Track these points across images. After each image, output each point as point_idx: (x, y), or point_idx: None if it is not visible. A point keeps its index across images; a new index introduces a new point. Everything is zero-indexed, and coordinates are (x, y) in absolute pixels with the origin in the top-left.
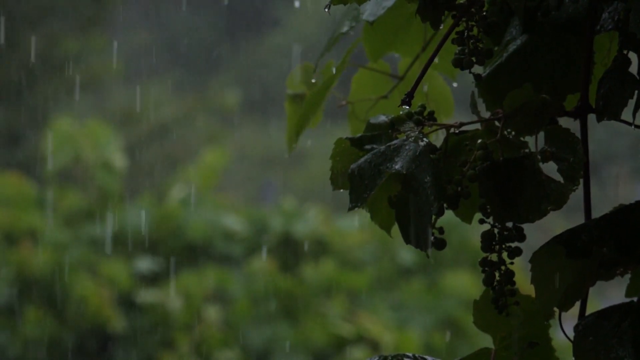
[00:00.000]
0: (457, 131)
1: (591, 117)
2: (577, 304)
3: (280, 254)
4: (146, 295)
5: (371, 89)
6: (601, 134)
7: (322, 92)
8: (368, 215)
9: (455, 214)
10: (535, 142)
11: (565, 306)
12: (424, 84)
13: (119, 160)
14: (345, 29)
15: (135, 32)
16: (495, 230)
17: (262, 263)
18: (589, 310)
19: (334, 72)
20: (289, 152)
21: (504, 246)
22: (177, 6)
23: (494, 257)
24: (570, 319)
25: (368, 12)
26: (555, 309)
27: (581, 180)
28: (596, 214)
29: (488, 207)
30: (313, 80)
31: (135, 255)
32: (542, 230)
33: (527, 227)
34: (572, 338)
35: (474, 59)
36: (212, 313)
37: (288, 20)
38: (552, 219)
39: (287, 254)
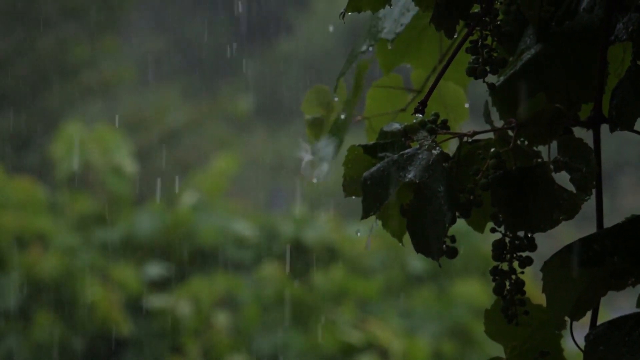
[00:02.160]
0: (470, 140)
1: (603, 127)
2: (588, 314)
3: (290, 260)
4: (156, 301)
5: (386, 103)
6: (612, 144)
7: (344, 122)
8: (379, 222)
9: (468, 223)
10: (548, 151)
11: (576, 315)
12: (440, 92)
13: (129, 165)
14: (364, 47)
15: (147, 37)
16: (507, 239)
17: (272, 269)
18: (599, 320)
19: (347, 92)
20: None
21: (515, 255)
22: (188, 12)
23: (504, 266)
24: (580, 328)
25: (387, 29)
26: (567, 318)
27: (593, 190)
28: (607, 223)
29: (500, 216)
30: (336, 99)
31: (145, 260)
32: (553, 239)
33: (537, 236)
34: (583, 347)
35: (487, 68)
36: (222, 319)
37: (300, 27)
38: (563, 228)
39: (297, 261)
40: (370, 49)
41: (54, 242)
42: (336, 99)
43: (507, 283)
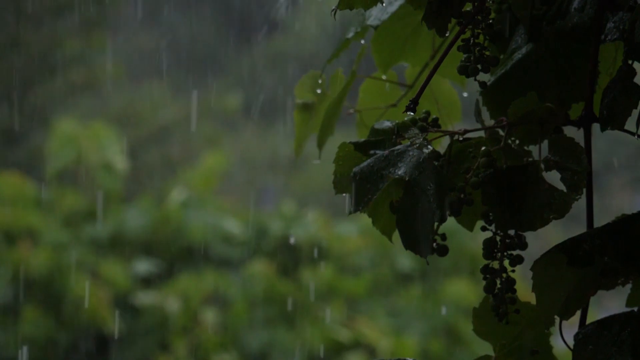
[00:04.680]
0: (461, 138)
1: (594, 127)
2: (577, 313)
3: (279, 258)
4: (144, 297)
5: (379, 98)
6: (602, 144)
7: (335, 106)
8: (367, 220)
9: (458, 221)
10: (539, 150)
11: (566, 314)
12: (432, 90)
13: (120, 162)
14: (350, 34)
15: (137, 34)
16: (497, 238)
17: (261, 267)
18: (588, 320)
19: (344, 82)
20: (297, 159)
21: (505, 254)
22: (178, 9)
23: (495, 264)
24: (569, 327)
25: (373, 17)
26: (556, 317)
27: (584, 190)
28: (596, 223)
29: (491, 214)
30: (319, 91)
31: (134, 257)
32: (541, 240)
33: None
34: (572, 346)
35: (479, 66)
36: (210, 316)
37: (291, 23)
38: (550, 229)
39: (285, 258)
40: (362, 42)
41: (43, 238)
42: (328, 85)
43: (498, 281)
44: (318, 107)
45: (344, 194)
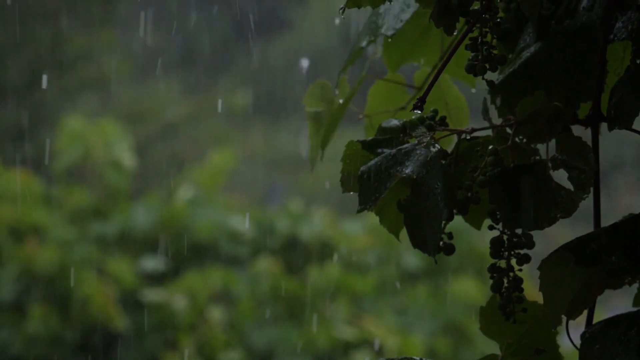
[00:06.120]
0: (468, 137)
1: (602, 126)
2: (583, 312)
3: (285, 256)
4: (151, 295)
5: (387, 101)
6: (608, 143)
7: (340, 111)
8: (374, 218)
9: (465, 220)
10: (546, 149)
11: (573, 314)
12: (443, 93)
13: (128, 159)
14: (364, 43)
15: (145, 31)
16: (505, 237)
17: (267, 265)
18: (595, 320)
19: (350, 88)
20: (313, 168)
21: (512, 253)
22: (187, 6)
23: (502, 263)
24: (576, 327)
25: (386, 26)
26: (563, 316)
27: (591, 189)
28: (603, 222)
29: (498, 213)
30: (336, 92)
31: (141, 254)
32: (547, 240)
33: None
34: (578, 346)
35: (487, 65)
36: (217, 313)
37: (299, 22)
38: (557, 228)
39: (292, 256)
40: (371, 45)
41: (49, 235)
42: (337, 92)
43: (505, 280)
44: (327, 115)
45: (351, 193)
